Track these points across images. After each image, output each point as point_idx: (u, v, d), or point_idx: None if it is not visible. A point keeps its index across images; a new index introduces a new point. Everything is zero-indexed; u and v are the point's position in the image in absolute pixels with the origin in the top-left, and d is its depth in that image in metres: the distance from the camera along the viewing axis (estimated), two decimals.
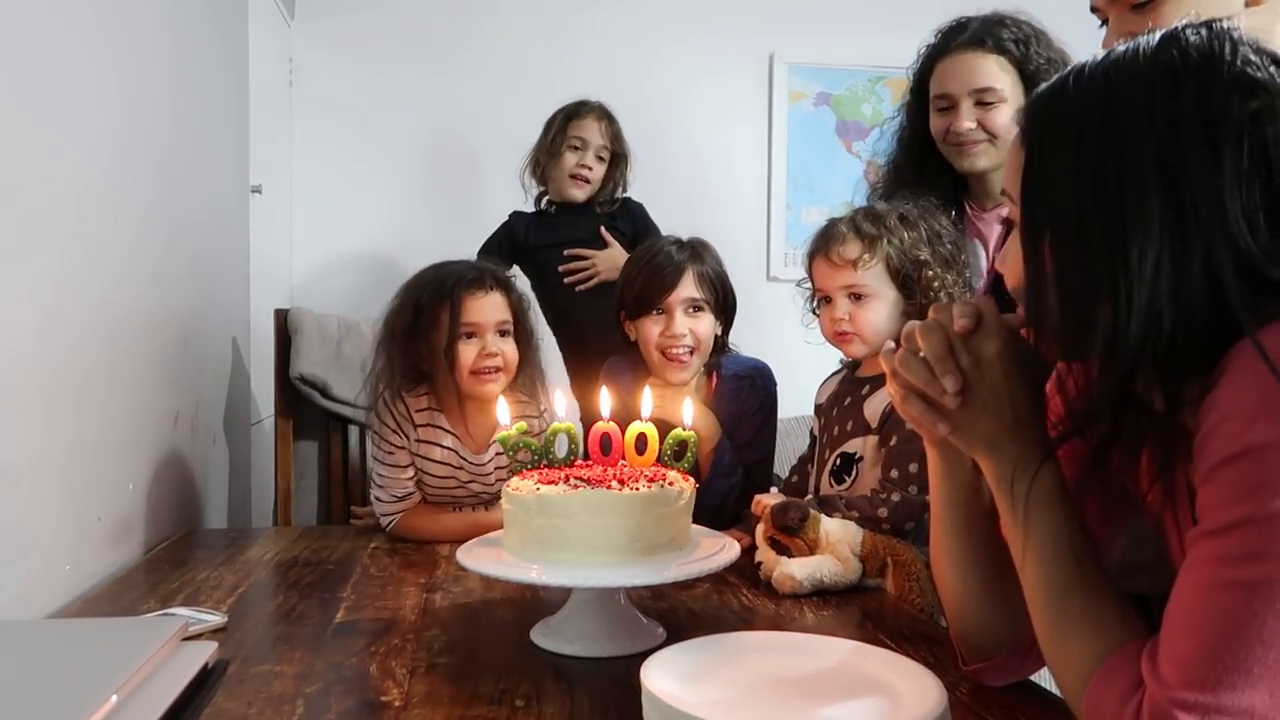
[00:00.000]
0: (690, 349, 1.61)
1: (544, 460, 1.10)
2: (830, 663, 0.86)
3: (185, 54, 1.84)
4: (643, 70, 3.11)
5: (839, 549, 1.27)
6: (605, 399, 1.16)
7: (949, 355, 0.79)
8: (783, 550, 1.28)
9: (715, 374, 1.68)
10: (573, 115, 2.42)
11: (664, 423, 1.14)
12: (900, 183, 1.66)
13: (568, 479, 1.03)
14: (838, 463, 1.46)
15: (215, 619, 1.10)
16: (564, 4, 3.13)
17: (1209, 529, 0.63)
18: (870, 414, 1.43)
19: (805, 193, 3.29)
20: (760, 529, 1.32)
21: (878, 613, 1.20)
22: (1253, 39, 0.68)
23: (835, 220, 1.46)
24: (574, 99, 2.46)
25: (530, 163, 2.46)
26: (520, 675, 0.94)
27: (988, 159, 1.59)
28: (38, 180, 1.19)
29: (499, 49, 3.09)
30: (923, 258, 1.41)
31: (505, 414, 1.18)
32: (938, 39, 1.63)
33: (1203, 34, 0.68)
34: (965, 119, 1.57)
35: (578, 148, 2.40)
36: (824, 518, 1.29)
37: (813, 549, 1.27)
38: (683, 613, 1.16)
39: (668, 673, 0.80)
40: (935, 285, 1.41)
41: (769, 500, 1.35)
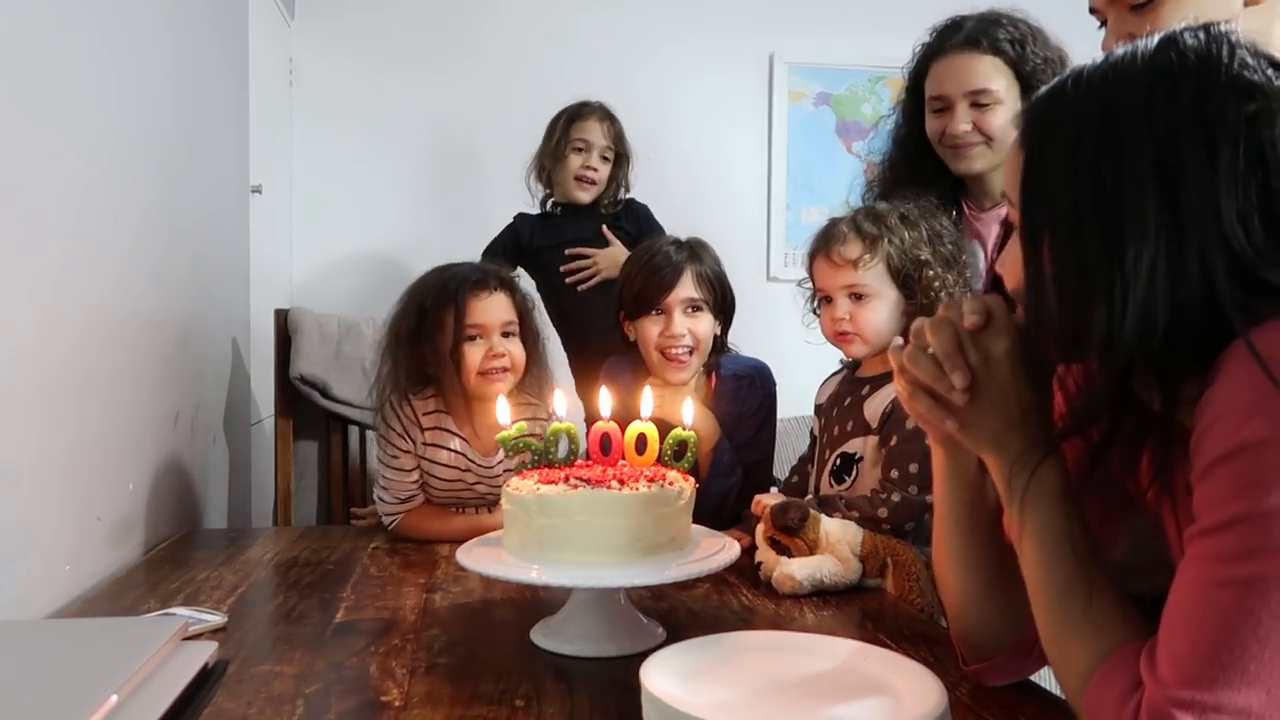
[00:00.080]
0: (689, 349, 1.61)
1: (544, 460, 1.10)
2: (830, 663, 0.86)
3: (185, 54, 1.84)
4: (643, 70, 3.11)
5: (839, 549, 1.27)
6: (605, 399, 1.16)
7: (958, 352, 0.79)
8: (783, 550, 1.28)
9: (715, 374, 1.68)
10: (575, 117, 2.41)
11: (664, 423, 1.14)
12: (896, 182, 1.65)
13: (568, 479, 1.03)
14: (838, 463, 1.46)
15: (215, 619, 1.10)
16: (564, 4, 3.13)
17: (1205, 527, 0.63)
18: (870, 414, 1.43)
19: (805, 193, 3.29)
20: (760, 529, 1.32)
21: (878, 613, 1.20)
22: (1250, 42, 0.68)
23: (836, 220, 1.47)
24: (574, 99, 2.46)
25: (535, 166, 2.45)
26: (520, 675, 0.94)
27: (983, 161, 1.58)
28: (37, 180, 1.19)
29: (499, 49, 3.09)
30: (924, 258, 1.41)
31: (505, 414, 1.18)
32: (933, 38, 1.62)
33: (1200, 37, 0.68)
34: (961, 121, 1.56)
35: (582, 149, 2.39)
36: (824, 518, 1.29)
37: (813, 549, 1.27)
38: (683, 613, 1.16)
39: (667, 673, 0.80)
40: (936, 285, 1.41)
41: (769, 500, 1.35)
